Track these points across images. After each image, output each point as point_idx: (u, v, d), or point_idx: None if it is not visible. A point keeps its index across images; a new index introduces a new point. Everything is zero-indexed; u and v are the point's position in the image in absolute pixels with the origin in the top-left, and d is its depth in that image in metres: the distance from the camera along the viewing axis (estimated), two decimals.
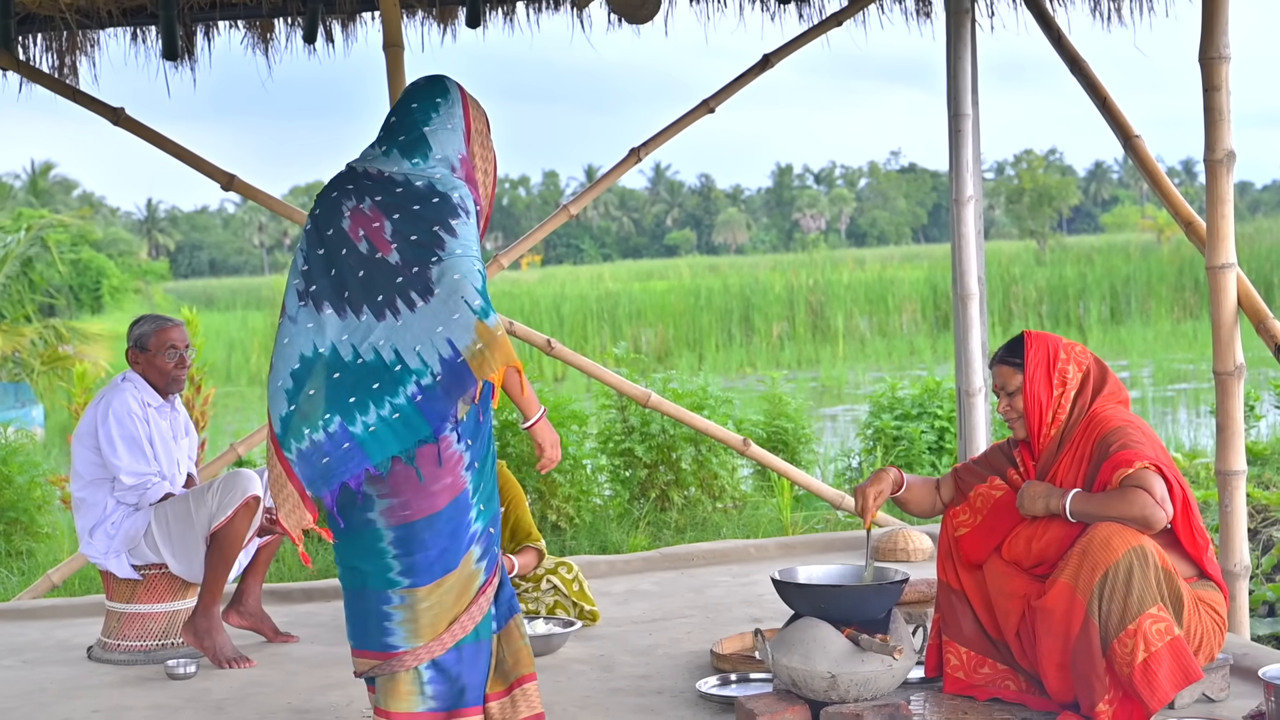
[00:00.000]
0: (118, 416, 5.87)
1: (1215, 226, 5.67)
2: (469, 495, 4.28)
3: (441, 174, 4.35)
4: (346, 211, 4.32)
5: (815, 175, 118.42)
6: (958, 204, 7.82)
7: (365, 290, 4.20)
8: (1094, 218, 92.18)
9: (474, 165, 4.50)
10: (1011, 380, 4.70)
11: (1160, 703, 4.18)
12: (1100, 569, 4.24)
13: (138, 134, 7.63)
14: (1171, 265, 31.08)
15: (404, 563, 4.21)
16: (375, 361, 4.14)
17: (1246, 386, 9.86)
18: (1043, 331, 4.82)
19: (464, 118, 4.50)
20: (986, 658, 4.74)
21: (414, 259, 4.18)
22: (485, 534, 4.33)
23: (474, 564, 4.28)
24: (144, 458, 5.90)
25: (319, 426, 4.14)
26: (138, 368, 6.04)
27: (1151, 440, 4.49)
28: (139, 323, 6.14)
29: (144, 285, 46.59)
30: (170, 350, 6.03)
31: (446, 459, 4.21)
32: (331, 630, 6.42)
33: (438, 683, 4.24)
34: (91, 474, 5.94)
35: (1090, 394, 4.64)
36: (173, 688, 5.51)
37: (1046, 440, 4.67)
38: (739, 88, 7.91)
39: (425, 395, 4.10)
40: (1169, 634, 4.22)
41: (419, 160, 4.36)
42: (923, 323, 29.36)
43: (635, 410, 9.66)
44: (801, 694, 4.56)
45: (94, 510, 5.94)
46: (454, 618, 4.24)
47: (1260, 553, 7.35)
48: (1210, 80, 5.64)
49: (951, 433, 10.38)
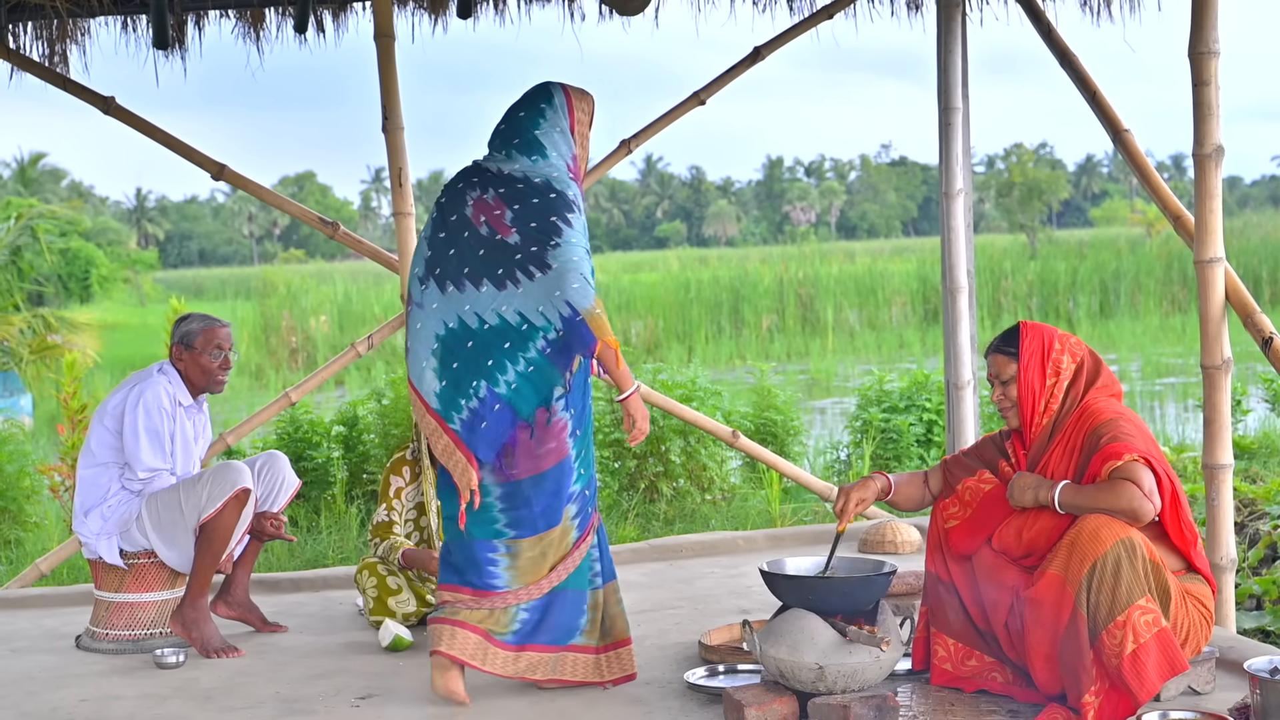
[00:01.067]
0: (147, 408, 5.86)
1: (1203, 221, 5.68)
2: (571, 460, 4.82)
3: (558, 172, 4.80)
4: (470, 200, 4.81)
5: (806, 168, 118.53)
6: (947, 197, 7.83)
7: (485, 266, 4.68)
8: (1084, 212, 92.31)
9: (581, 161, 4.97)
10: (1006, 369, 4.73)
11: (1149, 694, 4.20)
12: (1089, 561, 4.26)
13: (128, 123, 7.62)
14: (1160, 260, 31.12)
15: (509, 516, 4.77)
16: (501, 325, 4.65)
17: (1234, 381, 9.87)
18: (1038, 322, 4.84)
19: (569, 116, 4.92)
20: (974, 649, 4.75)
21: (533, 241, 4.66)
22: (582, 495, 4.89)
23: (569, 520, 4.85)
24: (162, 453, 5.89)
25: (471, 395, 4.65)
26: (180, 365, 6.02)
27: (1143, 433, 4.51)
28: (186, 320, 6.09)
29: (133, 275, 46.52)
30: (216, 350, 6.01)
31: (554, 424, 4.76)
32: (320, 620, 6.43)
33: (528, 622, 4.83)
34: (105, 455, 5.94)
35: (1083, 385, 4.66)
36: (161, 677, 5.51)
37: (1038, 430, 4.69)
38: (729, 80, 7.91)
39: (553, 348, 4.62)
40: (1157, 625, 4.24)
41: (537, 158, 4.83)
42: (912, 316, 29.38)
43: None
44: (789, 685, 4.57)
45: (96, 490, 5.94)
46: (551, 566, 4.82)
47: (1247, 546, 7.37)
48: (1199, 75, 5.65)
49: (940, 425, 10.40)
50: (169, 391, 5.94)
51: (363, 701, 5.05)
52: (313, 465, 9.44)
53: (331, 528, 8.87)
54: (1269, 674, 4.12)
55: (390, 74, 7.49)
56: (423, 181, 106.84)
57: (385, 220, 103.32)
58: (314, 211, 8.15)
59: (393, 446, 9.16)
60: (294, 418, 9.71)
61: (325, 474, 9.45)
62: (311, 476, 9.37)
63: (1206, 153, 5.64)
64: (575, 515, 4.87)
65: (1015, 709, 4.60)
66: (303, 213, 8.14)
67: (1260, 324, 5.69)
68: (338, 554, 8.51)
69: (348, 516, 8.96)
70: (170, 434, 5.93)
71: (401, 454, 6.35)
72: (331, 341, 27.49)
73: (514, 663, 4.84)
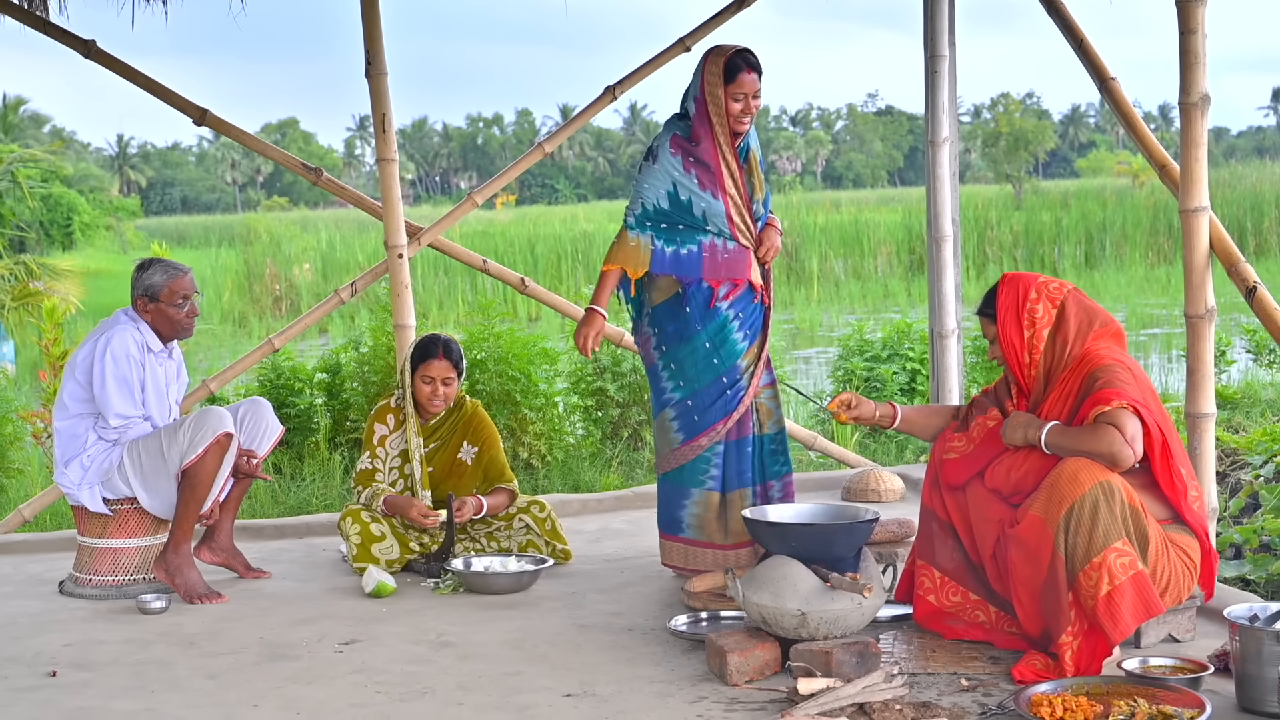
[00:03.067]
0: (115, 356, 5.82)
1: (1188, 170, 5.67)
2: (659, 368, 5.79)
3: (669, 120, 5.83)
4: None
5: (792, 117, 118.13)
6: (933, 145, 7.81)
7: None
8: (1070, 162, 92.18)
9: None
10: (989, 330, 4.80)
11: (1122, 634, 4.23)
12: (1067, 503, 4.30)
13: (109, 67, 7.56)
14: (1146, 210, 31.06)
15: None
16: None
17: (1218, 332, 9.88)
18: (1022, 273, 4.84)
19: (698, 80, 5.70)
20: (960, 585, 4.78)
21: None
22: (682, 403, 5.73)
23: (668, 421, 5.77)
24: (133, 401, 5.87)
25: None
26: (146, 316, 5.97)
27: (1140, 381, 4.53)
28: (148, 270, 6.00)
29: (115, 222, 46.32)
30: (181, 300, 5.98)
31: (641, 337, 5.89)
32: (304, 566, 6.43)
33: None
34: (77, 407, 5.91)
35: (1073, 329, 4.66)
36: (144, 622, 5.52)
37: (1032, 380, 4.72)
38: (715, 26, 7.87)
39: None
40: (1133, 569, 4.27)
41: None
42: (897, 266, 29.32)
43: (607, 350, 9.66)
44: (772, 631, 4.58)
45: (74, 442, 5.92)
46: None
47: (1228, 496, 7.40)
48: (1186, 23, 5.62)
49: (923, 374, 10.41)
50: (137, 339, 5.90)
51: (346, 647, 5.06)
52: (295, 412, 9.42)
53: (315, 474, 8.86)
54: (1248, 621, 4.14)
55: (374, 20, 7.45)
56: (406, 129, 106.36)
57: (369, 168, 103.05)
58: (296, 158, 8.11)
59: (373, 395, 9.15)
60: (276, 364, 9.68)
61: (308, 421, 9.43)
62: (295, 423, 9.35)
63: (1192, 101, 5.62)
64: (675, 419, 5.75)
65: (996, 655, 4.62)
66: (285, 158, 8.10)
67: (1244, 274, 5.69)
68: (321, 500, 8.51)
69: (331, 463, 8.95)
70: (140, 381, 5.89)
71: (386, 401, 6.35)
72: (315, 289, 27.39)
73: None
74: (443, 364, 6.18)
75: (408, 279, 7.75)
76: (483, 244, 28.64)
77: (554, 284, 26.09)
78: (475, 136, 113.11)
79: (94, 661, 4.99)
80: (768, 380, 5.85)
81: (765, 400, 5.84)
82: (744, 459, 5.76)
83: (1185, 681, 4.15)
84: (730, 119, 5.63)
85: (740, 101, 5.61)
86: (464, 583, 5.87)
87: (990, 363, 10.22)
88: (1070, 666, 4.29)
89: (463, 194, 8.70)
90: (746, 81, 5.60)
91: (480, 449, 6.36)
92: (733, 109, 5.62)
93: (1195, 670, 4.25)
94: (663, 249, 5.69)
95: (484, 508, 6.20)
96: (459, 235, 28.82)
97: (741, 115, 5.64)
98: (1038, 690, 4.08)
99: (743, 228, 5.70)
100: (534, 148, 8.22)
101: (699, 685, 4.47)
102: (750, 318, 5.77)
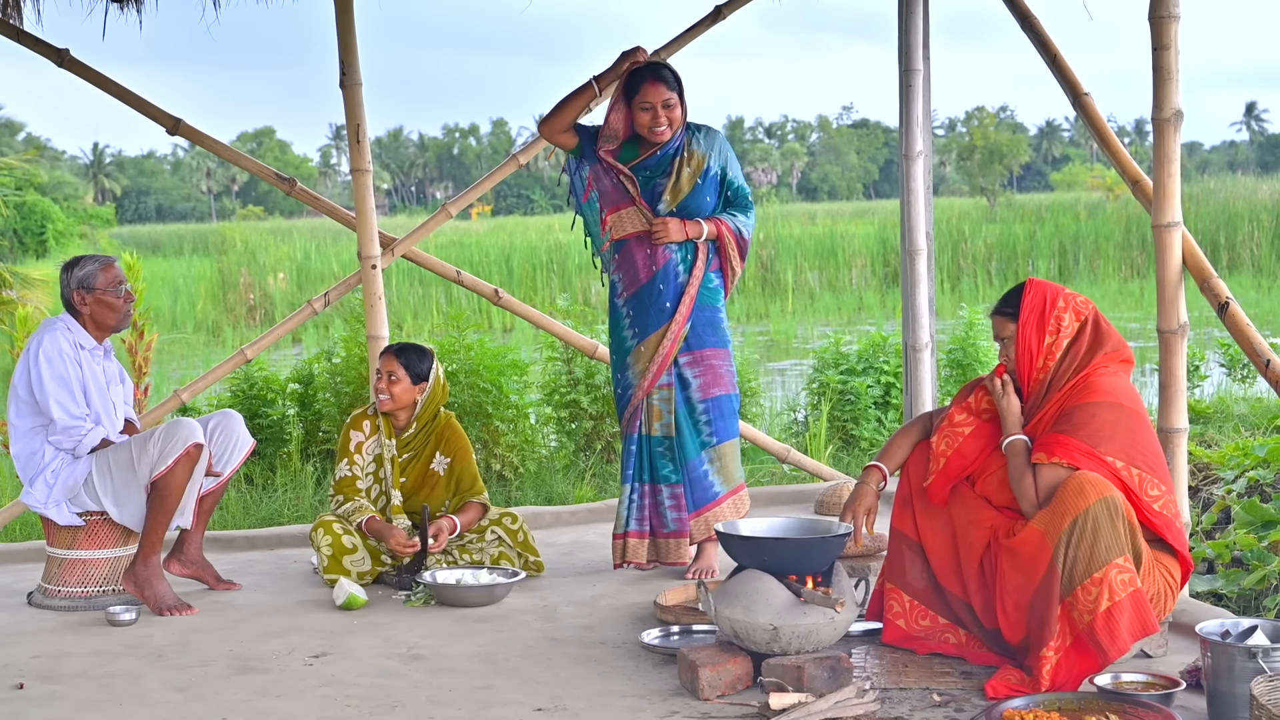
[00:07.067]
0: (48, 356, 5.78)
1: (1161, 185, 5.67)
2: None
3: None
4: None
5: (767, 129, 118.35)
6: (907, 159, 7.81)
7: None
8: (1044, 176, 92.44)
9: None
10: (1005, 329, 4.78)
11: (1119, 652, 4.23)
12: (1069, 516, 4.30)
13: (83, 76, 7.53)
14: (1119, 224, 31.13)
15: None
16: None
17: (1191, 346, 9.89)
18: (1047, 280, 4.86)
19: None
20: (929, 609, 4.78)
21: None
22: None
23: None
24: (74, 399, 5.81)
25: None
26: (85, 309, 5.93)
27: (1126, 419, 4.53)
28: (78, 265, 5.99)
29: (89, 230, 46.10)
30: (117, 285, 5.95)
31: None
32: (275, 578, 6.40)
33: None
34: (26, 424, 5.87)
35: (1086, 345, 4.67)
36: (113, 634, 5.48)
37: (1036, 385, 4.71)
38: (689, 39, 7.86)
39: None
40: (1132, 585, 4.27)
41: None
42: (872, 278, 29.34)
43: (581, 362, 9.64)
44: (744, 646, 4.57)
45: (33, 460, 5.88)
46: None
47: (1200, 510, 7.41)
48: (1159, 39, 5.63)
49: (897, 388, 10.41)
50: (69, 337, 5.87)
51: (316, 660, 5.03)
52: (268, 422, 9.38)
53: (287, 485, 8.82)
54: (1220, 638, 4.14)
55: (348, 29, 7.43)
56: (381, 139, 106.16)
57: (345, 177, 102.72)
58: (270, 168, 8.08)
59: (346, 406, 9.13)
60: (249, 375, 9.64)
61: (281, 431, 9.39)
62: (267, 434, 9.31)
63: (1165, 117, 5.62)
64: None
65: (969, 670, 4.62)
66: (259, 168, 8.07)
67: (1216, 289, 5.69)
68: (293, 512, 8.47)
69: (303, 474, 8.91)
70: (79, 380, 5.85)
71: (362, 410, 6.38)
72: (290, 298, 27.30)
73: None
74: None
75: (381, 290, 7.73)
76: (458, 254, 28.60)
77: (529, 294, 26.06)
78: (451, 147, 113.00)
79: (62, 674, 4.95)
80: (666, 381, 6.05)
81: (656, 401, 6.08)
82: (628, 455, 6.11)
83: (1157, 698, 4.14)
84: (642, 129, 6.01)
85: (648, 111, 5.94)
86: (435, 595, 5.85)
87: (963, 379, 10.24)
88: (1046, 680, 4.28)
89: (438, 204, 8.70)
90: (650, 91, 5.93)
91: (453, 460, 6.35)
92: (641, 119, 5.96)
93: (1167, 686, 4.24)
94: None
95: (458, 528, 6.21)
96: (434, 246, 28.75)
97: (653, 125, 5.96)
98: (1010, 706, 4.08)
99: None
100: (509, 158, 8.21)
101: (670, 700, 4.46)
102: (645, 316, 6.05)
